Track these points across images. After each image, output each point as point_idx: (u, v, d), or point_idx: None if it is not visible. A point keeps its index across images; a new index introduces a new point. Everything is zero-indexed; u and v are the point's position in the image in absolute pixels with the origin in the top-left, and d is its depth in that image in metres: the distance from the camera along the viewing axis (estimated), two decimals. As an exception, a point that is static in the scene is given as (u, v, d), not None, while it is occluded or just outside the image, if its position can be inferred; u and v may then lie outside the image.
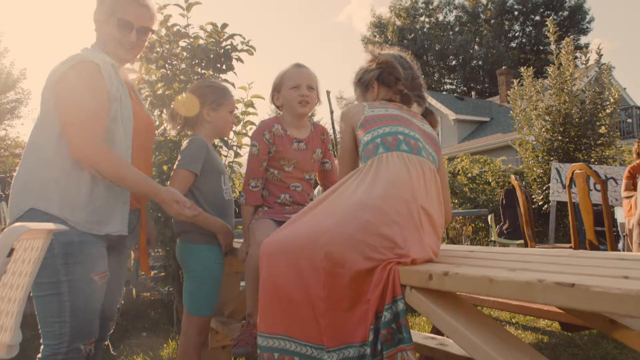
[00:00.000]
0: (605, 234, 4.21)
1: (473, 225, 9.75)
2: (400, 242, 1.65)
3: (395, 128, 1.93)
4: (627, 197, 5.89)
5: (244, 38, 3.53)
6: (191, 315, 2.54)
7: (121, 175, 1.92)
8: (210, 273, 2.54)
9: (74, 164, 1.89)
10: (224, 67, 3.53)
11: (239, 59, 3.56)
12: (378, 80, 2.18)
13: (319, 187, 3.07)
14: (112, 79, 1.99)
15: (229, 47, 3.52)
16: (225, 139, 3.65)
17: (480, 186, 10.76)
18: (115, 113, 1.99)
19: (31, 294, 1.89)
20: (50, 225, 1.49)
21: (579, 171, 4.08)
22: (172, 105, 2.76)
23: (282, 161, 2.48)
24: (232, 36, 3.51)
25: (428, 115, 2.20)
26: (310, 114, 2.65)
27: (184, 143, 2.59)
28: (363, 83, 2.23)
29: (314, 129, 2.59)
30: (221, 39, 3.51)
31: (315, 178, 2.67)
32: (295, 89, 2.45)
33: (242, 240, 2.55)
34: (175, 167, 2.50)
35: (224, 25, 3.50)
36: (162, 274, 4.06)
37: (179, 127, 2.70)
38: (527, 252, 2.03)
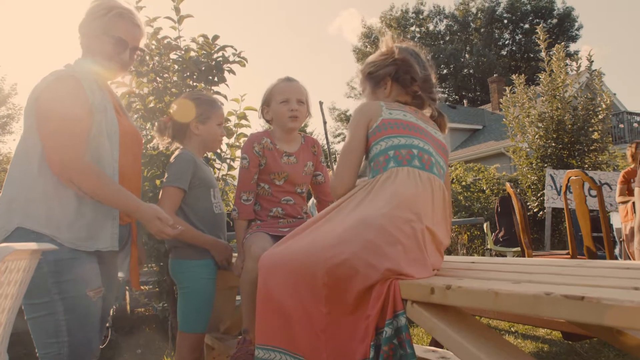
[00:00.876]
0: (600, 239, 4.19)
1: (468, 233, 9.73)
2: (403, 263, 1.60)
3: (410, 140, 1.82)
4: (623, 203, 5.87)
5: (235, 49, 3.49)
6: (184, 332, 2.50)
7: (100, 190, 1.88)
8: (201, 289, 2.49)
9: (58, 180, 1.86)
10: (215, 79, 3.49)
11: (231, 71, 3.52)
12: (392, 78, 2.02)
13: (312, 200, 3.00)
14: (94, 92, 1.96)
15: (220, 58, 3.48)
16: (218, 151, 3.61)
17: (475, 194, 10.75)
18: (100, 126, 1.95)
19: (25, 317, 1.86)
20: (35, 245, 1.43)
21: (575, 177, 4.06)
22: (161, 119, 2.72)
23: (272, 175, 2.44)
24: (223, 48, 3.47)
25: (438, 117, 2.07)
26: (303, 126, 2.63)
27: (172, 159, 2.55)
28: (374, 78, 2.06)
29: (304, 142, 2.56)
30: (212, 51, 3.47)
31: (308, 190, 2.64)
32: (284, 103, 2.42)
33: (236, 255, 2.51)
34: (163, 185, 2.46)
35: (215, 37, 3.47)
36: (157, 289, 3.99)
37: (167, 141, 2.66)
38: (530, 262, 1.99)
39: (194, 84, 3.51)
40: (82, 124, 1.90)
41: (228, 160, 3.73)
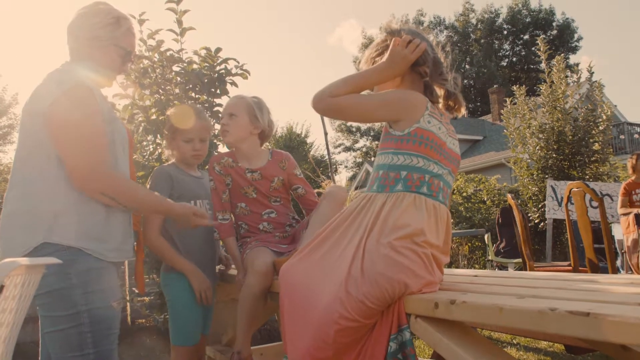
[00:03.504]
0: (602, 251, 4.18)
1: (469, 244, 9.71)
2: (414, 288, 1.59)
3: (427, 164, 1.73)
4: (624, 214, 5.87)
5: (238, 62, 3.52)
6: (173, 346, 2.54)
7: (135, 197, 1.89)
8: (182, 301, 2.50)
9: (82, 192, 1.80)
10: (218, 91, 3.51)
11: (233, 83, 3.54)
12: None
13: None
14: (102, 100, 1.92)
15: (223, 71, 3.50)
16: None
17: (476, 205, 10.73)
18: (113, 136, 1.92)
19: (42, 331, 1.81)
20: (40, 260, 1.43)
21: (576, 189, 4.05)
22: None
23: (242, 190, 2.48)
24: (226, 60, 3.50)
25: (450, 99, 1.89)
26: (303, 135, 2.67)
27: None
28: None
29: (271, 158, 2.56)
30: (215, 64, 3.49)
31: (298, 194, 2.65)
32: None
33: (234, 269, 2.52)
34: None
35: (218, 50, 3.49)
36: (158, 300, 3.98)
37: None
38: (533, 276, 1.99)
39: (196, 96, 3.53)
40: (101, 136, 1.85)
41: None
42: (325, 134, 6.68)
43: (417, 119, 1.74)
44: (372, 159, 32.53)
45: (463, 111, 1.94)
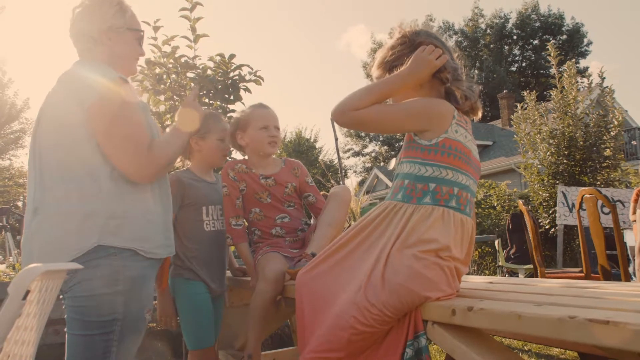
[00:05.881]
0: (613, 257, 4.16)
1: (479, 250, 9.67)
2: (433, 299, 1.59)
3: (456, 176, 1.68)
4: (636, 221, 5.83)
5: (251, 68, 3.54)
6: (190, 350, 2.57)
7: (172, 150, 1.88)
8: (193, 305, 2.53)
9: (138, 191, 1.78)
10: (231, 97, 3.54)
11: (247, 89, 3.56)
12: None
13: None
14: (135, 92, 1.88)
15: (236, 77, 3.52)
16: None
17: (486, 211, 10.70)
18: (151, 128, 1.89)
19: (69, 331, 1.74)
20: (63, 265, 1.45)
21: (588, 195, 4.04)
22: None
23: (257, 195, 2.51)
24: (239, 67, 3.52)
25: (467, 101, 1.79)
26: (312, 140, 2.68)
27: None
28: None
29: (284, 166, 2.60)
30: (229, 70, 3.52)
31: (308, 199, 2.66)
32: (264, 129, 2.50)
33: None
34: None
35: (232, 56, 3.52)
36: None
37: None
38: (549, 283, 1.99)
39: (210, 102, 3.56)
40: (143, 124, 1.82)
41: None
42: (336, 139, 6.70)
43: (445, 129, 1.68)
44: (382, 163, 32.45)
45: (480, 114, 1.87)
